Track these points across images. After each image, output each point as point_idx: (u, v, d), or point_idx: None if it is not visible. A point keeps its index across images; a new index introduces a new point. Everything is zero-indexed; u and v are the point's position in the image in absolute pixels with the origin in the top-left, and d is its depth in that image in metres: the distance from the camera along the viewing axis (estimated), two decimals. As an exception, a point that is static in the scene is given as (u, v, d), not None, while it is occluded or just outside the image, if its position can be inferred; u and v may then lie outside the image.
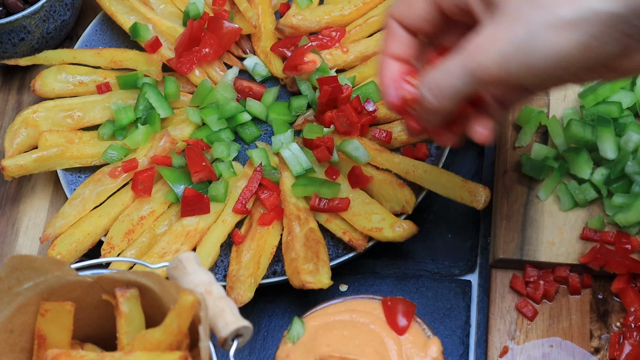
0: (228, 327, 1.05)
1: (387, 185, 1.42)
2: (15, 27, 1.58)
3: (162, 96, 1.54)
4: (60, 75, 1.57)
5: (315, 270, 1.35)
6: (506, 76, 0.92)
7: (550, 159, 1.42)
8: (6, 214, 1.55)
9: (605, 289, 1.36)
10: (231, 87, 1.55)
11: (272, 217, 1.42)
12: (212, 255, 1.39)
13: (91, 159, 1.50)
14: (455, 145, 1.16)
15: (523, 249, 1.37)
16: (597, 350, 1.32)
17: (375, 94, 1.51)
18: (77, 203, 1.46)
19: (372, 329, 1.28)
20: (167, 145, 1.50)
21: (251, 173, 1.46)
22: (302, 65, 1.52)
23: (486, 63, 0.92)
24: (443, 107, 1.01)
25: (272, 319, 1.42)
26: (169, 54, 1.57)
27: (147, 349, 1.04)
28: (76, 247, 1.42)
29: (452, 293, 1.41)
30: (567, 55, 0.87)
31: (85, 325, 1.15)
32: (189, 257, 1.12)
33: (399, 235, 1.37)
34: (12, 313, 1.10)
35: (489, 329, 1.35)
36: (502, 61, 0.91)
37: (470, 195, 1.38)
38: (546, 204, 1.41)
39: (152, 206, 1.45)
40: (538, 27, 0.87)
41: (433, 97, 1.00)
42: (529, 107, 1.46)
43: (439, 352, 1.27)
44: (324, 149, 1.43)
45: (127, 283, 1.10)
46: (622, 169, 1.37)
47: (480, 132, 1.07)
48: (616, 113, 1.42)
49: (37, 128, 1.53)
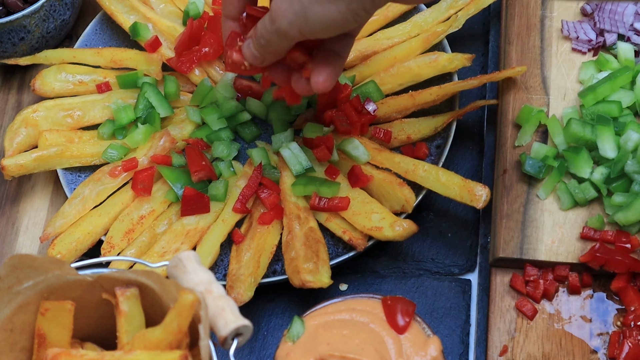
0: (228, 326, 1.05)
1: (386, 184, 1.42)
2: (15, 27, 1.58)
3: (162, 95, 1.54)
4: (60, 75, 1.57)
5: (315, 270, 1.35)
6: (302, 35, 1.19)
7: (550, 158, 1.42)
8: (6, 213, 1.55)
9: (605, 288, 1.36)
10: (231, 86, 1.55)
11: (272, 216, 1.42)
12: (212, 254, 1.39)
13: (91, 158, 1.50)
14: (297, 101, 1.38)
15: (523, 248, 1.37)
16: (597, 350, 1.32)
17: (375, 94, 1.51)
18: (77, 202, 1.46)
19: (372, 328, 1.28)
20: (167, 144, 1.50)
21: (251, 172, 1.46)
22: (302, 64, 1.52)
23: (284, 27, 1.19)
24: (267, 59, 1.26)
25: (272, 318, 1.42)
26: (168, 54, 1.57)
27: (147, 348, 1.04)
28: (76, 246, 1.42)
29: (452, 292, 1.41)
30: (332, 19, 1.16)
31: (85, 324, 1.15)
32: (189, 256, 1.12)
33: (398, 235, 1.37)
34: (12, 312, 1.10)
35: (489, 328, 1.35)
36: (293, 26, 1.18)
37: (470, 194, 1.38)
38: (546, 203, 1.41)
39: (152, 205, 1.45)
40: (308, 3, 1.15)
41: (251, 56, 1.27)
42: (528, 107, 1.46)
43: (439, 351, 1.27)
44: (324, 148, 1.43)
45: (127, 282, 1.10)
46: (622, 168, 1.37)
47: (316, 81, 1.26)
48: (616, 112, 1.42)
49: (37, 127, 1.53)
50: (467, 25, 1.61)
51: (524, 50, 1.54)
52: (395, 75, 1.52)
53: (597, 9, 1.54)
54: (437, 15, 1.56)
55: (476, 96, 1.58)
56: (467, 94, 1.58)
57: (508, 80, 1.51)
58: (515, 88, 1.50)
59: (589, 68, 1.50)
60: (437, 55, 1.51)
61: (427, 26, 1.56)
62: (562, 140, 1.43)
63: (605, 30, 1.53)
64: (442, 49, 1.55)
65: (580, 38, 1.53)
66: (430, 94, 1.48)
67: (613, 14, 1.52)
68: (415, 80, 1.52)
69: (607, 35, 1.52)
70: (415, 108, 1.50)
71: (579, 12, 1.57)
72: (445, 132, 1.48)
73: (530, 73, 1.51)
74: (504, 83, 1.52)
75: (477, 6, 1.53)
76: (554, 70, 1.52)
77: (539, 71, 1.51)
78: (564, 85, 1.50)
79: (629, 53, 1.49)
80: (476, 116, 1.57)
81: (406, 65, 1.52)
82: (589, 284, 1.36)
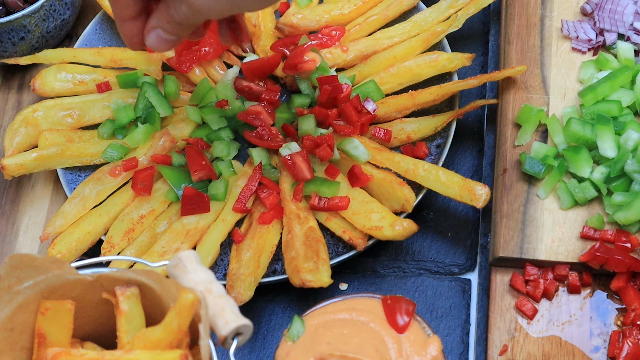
0: (228, 325, 1.05)
1: (386, 184, 1.42)
2: (15, 26, 1.58)
3: (162, 95, 1.54)
4: (60, 74, 1.57)
5: (315, 269, 1.35)
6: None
7: (550, 158, 1.42)
8: (6, 213, 1.55)
9: (605, 288, 1.36)
10: (231, 86, 1.55)
11: (272, 216, 1.42)
12: (212, 253, 1.39)
13: (91, 157, 1.50)
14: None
15: (523, 248, 1.37)
16: (597, 349, 1.32)
17: (375, 93, 1.51)
18: (77, 202, 1.46)
19: (372, 327, 1.28)
20: (167, 144, 1.50)
21: (251, 172, 1.46)
22: (302, 64, 1.52)
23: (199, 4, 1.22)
24: (183, 36, 1.28)
25: (272, 318, 1.42)
26: (168, 53, 1.57)
27: (147, 348, 1.04)
28: (76, 245, 1.42)
29: (452, 292, 1.41)
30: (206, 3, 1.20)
31: (85, 324, 1.15)
32: (189, 255, 1.12)
33: (398, 234, 1.37)
34: (12, 312, 1.10)
35: (489, 327, 1.35)
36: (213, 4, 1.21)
37: (470, 193, 1.38)
38: (546, 202, 1.41)
39: (152, 205, 1.45)
40: None
41: (166, 42, 1.27)
42: (528, 106, 1.46)
43: (439, 350, 1.27)
44: (325, 147, 1.43)
45: (127, 281, 1.10)
46: (622, 167, 1.37)
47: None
48: (616, 112, 1.42)
49: (37, 127, 1.53)
50: (467, 25, 1.61)
51: (524, 49, 1.54)
52: (395, 75, 1.52)
53: (597, 8, 1.54)
54: (437, 14, 1.56)
55: (476, 96, 1.58)
56: (467, 94, 1.58)
57: (508, 80, 1.51)
58: (515, 87, 1.50)
59: (588, 67, 1.50)
60: (437, 54, 1.51)
61: (427, 26, 1.56)
62: (562, 140, 1.43)
63: (605, 30, 1.53)
64: (442, 48, 1.55)
65: (580, 37, 1.53)
66: (430, 93, 1.48)
67: (613, 14, 1.52)
68: (415, 80, 1.52)
69: (607, 35, 1.52)
70: (415, 107, 1.50)
71: (578, 12, 1.57)
72: (445, 131, 1.48)
73: (530, 72, 1.51)
74: (504, 82, 1.52)
75: (477, 6, 1.53)
76: (554, 69, 1.52)
77: (539, 71, 1.52)
78: (564, 85, 1.50)
79: (629, 52, 1.49)
80: (476, 116, 1.57)
81: (406, 64, 1.52)
82: (589, 284, 1.36)
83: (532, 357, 1.32)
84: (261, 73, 1.56)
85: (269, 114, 1.51)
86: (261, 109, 1.51)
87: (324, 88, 1.47)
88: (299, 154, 1.43)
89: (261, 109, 1.51)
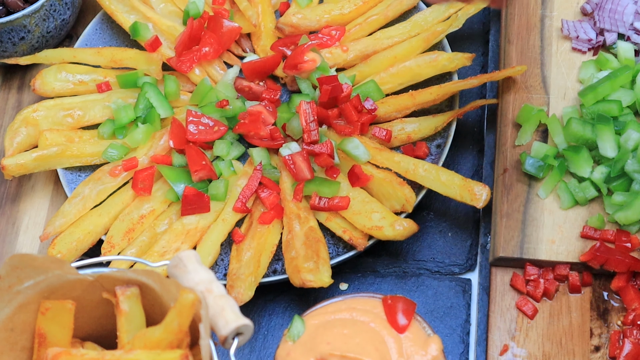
0: (228, 325, 1.05)
1: (387, 183, 1.42)
2: (16, 26, 1.58)
3: (162, 95, 1.54)
4: (60, 74, 1.57)
5: (316, 269, 1.35)
6: None
7: (550, 158, 1.42)
8: (6, 213, 1.55)
9: (605, 287, 1.36)
10: (231, 86, 1.55)
11: (272, 215, 1.42)
12: (213, 253, 1.39)
13: (91, 157, 1.50)
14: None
15: (523, 248, 1.37)
16: (597, 349, 1.32)
17: (375, 93, 1.51)
18: (77, 202, 1.46)
19: (373, 327, 1.28)
20: (167, 144, 1.50)
21: (251, 172, 1.46)
22: (302, 64, 1.52)
23: None
24: None
25: (272, 318, 1.42)
26: (169, 53, 1.57)
27: (148, 348, 1.04)
28: (76, 245, 1.42)
29: (452, 291, 1.41)
30: None
31: (85, 324, 1.15)
32: (190, 255, 1.12)
33: (399, 234, 1.37)
34: (12, 312, 1.10)
35: (489, 327, 1.35)
36: None
37: (470, 193, 1.38)
38: (546, 202, 1.41)
39: (153, 205, 1.45)
40: None
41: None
42: (528, 106, 1.46)
43: (439, 350, 1.27)
44: (325, 156, 1.43)
45: (128, 281, 1.10)
46: (622, 167, 1.37)
47: None
48: (616, 111, 1.42)
49: (37, 127, 1.53)
50: (467, 25, 1.61)
51: (524, 49, 1.54)
52: (395, 75, 1.52)
53: (597, 8, 1.54)
54: (437, 14, 1.56)
55: (476, 95, 1.58)
56: (467, 94, 1.58)
57: (508, 80, 1.51)
58: (515, 87, 1.50)
59: (589, 67, 1.50)
60: (437, 54, 1.51)
61: (427, 25, 1.56)
62: (562, 140, 1.43)
63: (605, 30, 1.53)
64: (442, 48, 1.55)
65: (580, 37, 1.53)
66: (430, 93, 1.48)
67: (613, 13, 1.52)
68: (416, 80, 1.52)
69: (607, 35, 1.52)
70: (415, 107, 1.50)
71: (579, 12, 1.58)
72: (445, 131, 1.48)
73: (530, 72, 1.51)
74: (504, 82, 1.52)
75: (477, 5, 1.53)
76: (554, 69, 1.52)
77: (539, 70, 1.52)
78: (564, 85, 1.50)
79: (629, 52, 1.49)
80: (476, 116, 1.57)
81: (406, 64, 1.52)
82: (589, 283, 1.36)
83: (533, 357, 1.32)
84: (261, 73, 1.56)
85: (270, 113, 1.51)
86: (262, 108, 1.51)
87: (324, 88, 1.47)
88: (299, 154, 1.43)
89: (262, 109, 1.51)
